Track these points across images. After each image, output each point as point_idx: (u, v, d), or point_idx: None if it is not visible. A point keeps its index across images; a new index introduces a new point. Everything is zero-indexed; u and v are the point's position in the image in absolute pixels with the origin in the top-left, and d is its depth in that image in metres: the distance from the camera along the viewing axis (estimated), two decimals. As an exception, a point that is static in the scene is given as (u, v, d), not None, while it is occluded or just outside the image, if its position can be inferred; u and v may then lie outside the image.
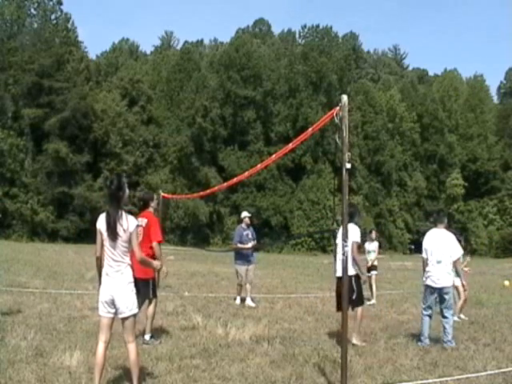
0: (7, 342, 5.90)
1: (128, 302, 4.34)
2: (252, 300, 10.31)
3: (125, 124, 46.33)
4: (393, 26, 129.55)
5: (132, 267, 4.46)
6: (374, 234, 12.58)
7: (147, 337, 6.42)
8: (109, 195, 4.43)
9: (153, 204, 7.02)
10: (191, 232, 47.25)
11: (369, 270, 12.05)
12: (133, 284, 4.41)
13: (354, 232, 6.70)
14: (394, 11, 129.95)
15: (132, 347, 4.43)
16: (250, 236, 10.50)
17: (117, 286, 4.32)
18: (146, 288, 6.41)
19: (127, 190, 4.50)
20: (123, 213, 4.35)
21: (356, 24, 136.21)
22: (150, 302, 6.56)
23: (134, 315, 4.45)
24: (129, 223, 4.32)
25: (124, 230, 4.29)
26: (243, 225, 10.65)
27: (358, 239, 6.86)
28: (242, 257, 10.46)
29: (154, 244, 6.49)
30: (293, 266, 25.66)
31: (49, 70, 42.83)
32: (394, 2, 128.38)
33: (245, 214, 10.84)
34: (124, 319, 4.39)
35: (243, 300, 10.32)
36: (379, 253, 12.80)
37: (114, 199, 4.39)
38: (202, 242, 46.37)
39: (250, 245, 10.38)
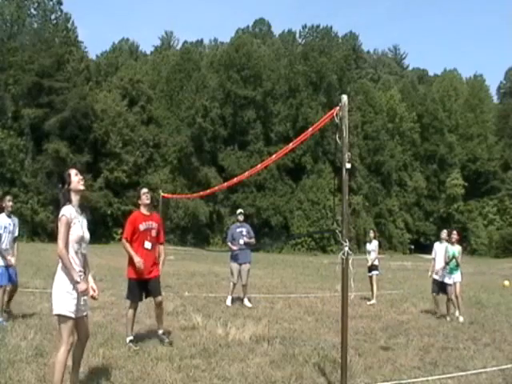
0: (7, 342, 5.90)
1: (52, 300, 4.11)
2: (249, 300, 10.24)
3: (125, 124, 46.33)
4: (393, 26, 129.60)
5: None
6: (372, 234, 12.58)
7: (127, 339, 6.21)
8: (59, 189, 4.39)
9: (140, 201, 6.70)
10: (191, 232, 47.26)
11: (369, 269, 12.10)
12: (59, 282, 4.08)
13: None
14: (394, 11, 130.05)
15: (58, 351, 4.08)
16: (243, 233, 10.29)
17: None
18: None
19: (74, 186, 4.29)
20: (63, 206, 4.22)
21: (356, 24, 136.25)
22: None
23: (59, 319, 4.06)
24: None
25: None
26: (237, 222, 10.57)
27: None
28: (234, 255, 10.35)
29: (122, 241, 6.45)
30: (293, 266, 25.65)
31: (49, 70, 42.83)
32: (393, 2, 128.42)
33: (238, 210, 10.79)
34: None
35: (241, 300, 10.25)
36: (379, 252, 12.79)
37: (61, 193, 4.32)
38: (202, 242, 46.36)
39: (241, 242, 10.17)
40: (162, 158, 48.64)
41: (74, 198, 4.30)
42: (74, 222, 4.16)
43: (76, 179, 4.32)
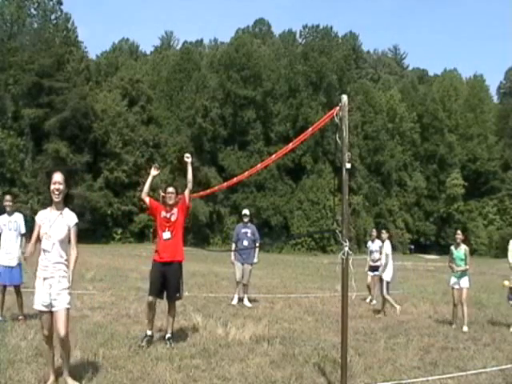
0: (7, 342, 5.90)
1: None
2: (248, 300, 10.21)
3: (125, 124, 46.34)
4: (393, 26, 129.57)
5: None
6: (374, 232, 12.31)
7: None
8: None
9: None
10: (191, 232, 47.20)
11: (372, 270, 11.81)
12: None
13: None
14: (394, 11, 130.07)
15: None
16: (248, 234, 10.34)
17: None
18: None
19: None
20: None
21: (356, 24, 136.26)
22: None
23: None
24: None
25: None
26: (242, 223, 10.58)
27: None
28: (239, 254, 10.37)
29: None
30: (293, 266, 25.65)
31: (49, 70, 42.84)
32: (393, 2, 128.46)
33: (244, 211, 10.77)
34: None
35: (241, 300, 10.22)
36: (381, 252, 12.42)
37: None
38: (202, 242, 46.34)
39: (245, 243, 10.21)
40: (162, 158, 48.62)
41: (53, 201, 4.54)
42: (43, 221, 4.50)
43: (51, 188, 4.50)
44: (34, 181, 41.36)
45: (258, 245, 10.65)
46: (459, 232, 9.21)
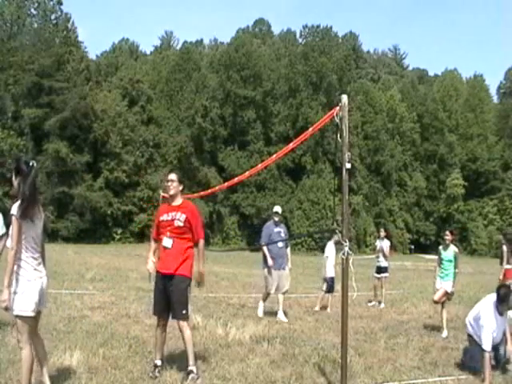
0: (7, 342, 5.90)
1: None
2: (285, 314, 8.81)
3: (125, 124, 46.33)
4: (393, 26, 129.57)
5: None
6: (382, 232, 11.95)
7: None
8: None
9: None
10: (191, 232, 47.24)
11: (380, 271, 11.44)
12: None
13: None
14: (394, 11, 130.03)
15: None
16: (282, 234, 8.94)
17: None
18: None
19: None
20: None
21: (356, 24, 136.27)
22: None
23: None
24: None
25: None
26: (272, 221, 9.08)
27: None
28: (276, 259, 8.75)
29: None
30: (293, 266, 25.56)
31: (49, 70, 42.83)
32: (393, 2, 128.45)
33: (276, 208, 9.23)
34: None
35: (239, 303, 10.03)
36: (390, 253, 11.79)
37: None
38: (202, 242, 46.35)
39: (280, 244, 8.75)
40: (162, 158, 48.63)
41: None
42: None
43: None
44: (34, 181, 41.35)
45: (289, 248, 9.35)
46: (448, 233, 8.55)
